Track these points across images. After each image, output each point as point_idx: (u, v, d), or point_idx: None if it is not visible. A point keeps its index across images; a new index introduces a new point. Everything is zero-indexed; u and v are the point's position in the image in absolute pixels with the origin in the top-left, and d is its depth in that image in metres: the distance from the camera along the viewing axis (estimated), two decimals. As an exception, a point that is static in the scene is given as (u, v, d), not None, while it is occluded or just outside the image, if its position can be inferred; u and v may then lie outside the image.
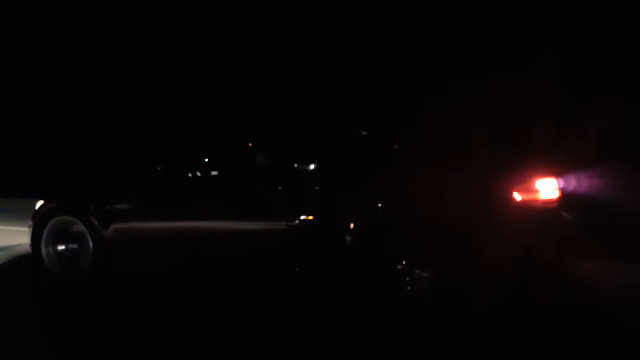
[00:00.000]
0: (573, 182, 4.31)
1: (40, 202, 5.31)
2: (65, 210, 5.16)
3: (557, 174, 4.39)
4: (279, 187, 4.69)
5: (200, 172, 4.90)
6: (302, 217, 4.55)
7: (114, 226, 4.95)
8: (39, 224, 5.21)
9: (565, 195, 4.43)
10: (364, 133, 4.87)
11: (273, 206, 4.64)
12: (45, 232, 5.19)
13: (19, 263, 5.94)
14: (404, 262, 4.29)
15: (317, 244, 4.54)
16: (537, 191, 4.29)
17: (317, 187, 4.63)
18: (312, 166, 4.77)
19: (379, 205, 4.45)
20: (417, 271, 4.27)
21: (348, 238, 4.41)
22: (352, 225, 4.42)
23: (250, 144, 4.99)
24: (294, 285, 4.68)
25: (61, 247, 5.18)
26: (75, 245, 5.15)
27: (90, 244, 5.02)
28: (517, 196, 4.24)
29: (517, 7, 7.35)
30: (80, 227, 5.07)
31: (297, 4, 8.20)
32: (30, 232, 5.24)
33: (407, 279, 4.27)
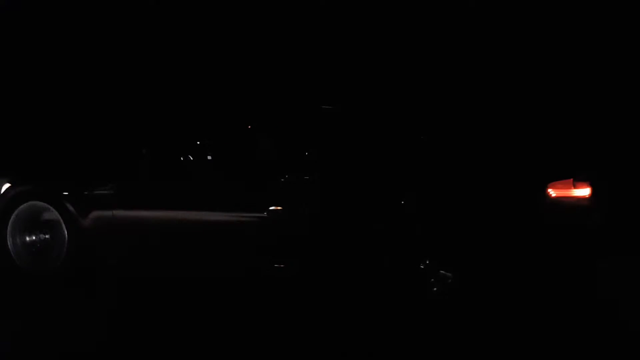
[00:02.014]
0: (609, 178, 4.01)
1: (6, 185, 4.66)
2: (36, 195, 4.52)
3: (590, 169, 4.07)
4: (287, 176, 4.19)
5: (196, 156, 4.36)
6: (312, 210, 4.08)
7: (94, 214, 4.38)
8: (4, 210, 4.56)
9: (598, 192, 4.11)
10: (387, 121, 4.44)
11: (280, 196, 4.15)
12: (11, 219, 4.54)
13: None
14: (428, 262, 3.90)
15: (331, 239, 4.08)
16: (571, 187, 3.96)
17: (331, 178, 4.17)
18: (325, 153, 4.29)
19: (402, 199, 4.02)
20: (442, 271, 3.88)
21: (366, 234, 3.98)
22: (371, 220, 4.00)
23: (249, 126, 4.48)
24: (295, 282, 4.23)
25: (31, 237, 4.56)
26: (47, 235, 4.54)
27: (65, 233, 4.42)
28: (552, 192, 3.90)
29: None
30: (53, 214, 4.45)
31: None
32: (-6, 219, 4.61)
33: (432, 279, 3.88)
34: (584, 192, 4.01)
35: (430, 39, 6.43)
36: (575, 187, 3.94)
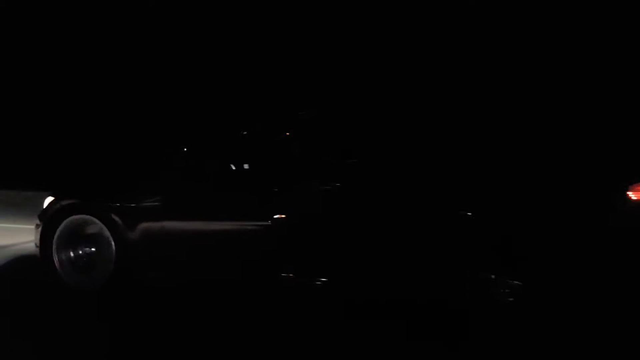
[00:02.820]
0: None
1: (49, 199, 4.52)
2: (82, 208, 4.37)
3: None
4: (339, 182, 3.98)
5: (246, 165, 4.19)
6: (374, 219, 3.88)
7: (142, 225, 4.20)
8: (49, 224, 4.42)
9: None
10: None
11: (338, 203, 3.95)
12: (57, 233, 4.40)
13: (20, 266, 5.16)
14: (499, 273, 3.67)
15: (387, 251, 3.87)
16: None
17: (395, 186, 3.94)
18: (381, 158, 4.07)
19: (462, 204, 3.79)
20: (515, 282, 3.65)
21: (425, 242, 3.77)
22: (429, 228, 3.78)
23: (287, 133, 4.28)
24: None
25: (76, 252, 4.40)
26: (93, 249, 4.38)
27: (113, 246, 4.26)
28: (632, 195, 3.64)
29: None
30: (99, 227, 4.29)
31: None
32: (39, 234, 4.45)
33: (505, 290, 3.65)
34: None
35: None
36: None
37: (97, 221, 4.30)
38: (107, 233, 4.28)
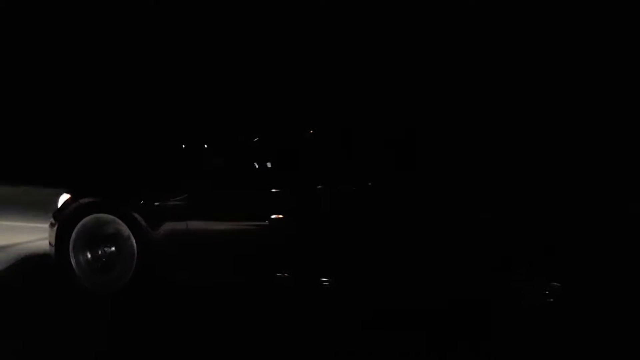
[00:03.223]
0: None
1: (64, 196, 4.34)
2: (102, 207, 4.19)
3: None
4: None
5: (272, 164, 4.07)
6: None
7: (167, 226, 4.06)
8: (65, 223, 4.25)
9: None
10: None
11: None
12: (74, 233, 4.23)
13: (25, 268, 4.95)
14: (529, 269, 3.63)
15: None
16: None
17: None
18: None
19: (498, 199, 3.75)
20: (555, 284, 3.61)
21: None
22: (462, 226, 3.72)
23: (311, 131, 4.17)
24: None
25: (95, 253, 4.23)
26: (112, 249, 4.22)
27: (135, 247, 4.10)
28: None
29: None
30: (119, 226, 4.13)
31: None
32: (54, 234, 4.27)
33: (545, 291, 3.61)
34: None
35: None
36: None
37: (117, 220, 4.14)
38: (128, 232, 4.12)
